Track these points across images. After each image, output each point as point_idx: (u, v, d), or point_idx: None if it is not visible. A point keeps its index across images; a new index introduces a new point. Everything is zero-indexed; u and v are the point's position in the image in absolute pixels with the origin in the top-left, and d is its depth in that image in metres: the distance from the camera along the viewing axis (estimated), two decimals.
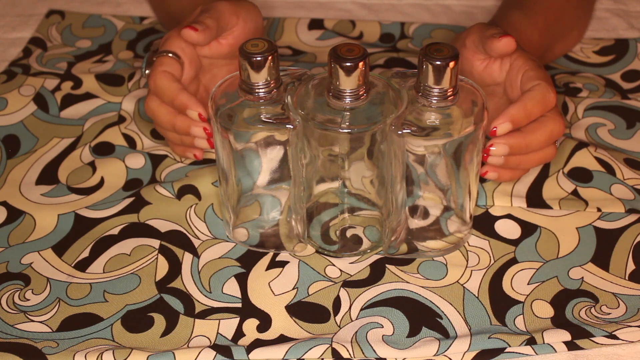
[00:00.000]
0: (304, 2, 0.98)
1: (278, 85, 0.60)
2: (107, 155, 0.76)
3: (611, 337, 0.60)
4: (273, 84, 0.60)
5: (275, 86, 0.60)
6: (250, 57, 0.59)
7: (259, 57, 0.59)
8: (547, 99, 0.64)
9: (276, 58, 0.59)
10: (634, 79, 0.85)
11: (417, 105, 0.60)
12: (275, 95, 0.60)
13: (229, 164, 0.63)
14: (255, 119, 0.61)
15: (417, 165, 0.63)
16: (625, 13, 0.94)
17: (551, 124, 0.64)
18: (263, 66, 0.59)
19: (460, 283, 0.64)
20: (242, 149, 0.63)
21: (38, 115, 0.81)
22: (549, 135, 0.64)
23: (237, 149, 0.62)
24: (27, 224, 0.70)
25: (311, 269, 0.66)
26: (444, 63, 0.57)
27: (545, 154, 0.66)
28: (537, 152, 0.65)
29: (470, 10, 0.96)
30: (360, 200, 0.67)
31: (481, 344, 0.59)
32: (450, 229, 0.66)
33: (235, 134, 0.61)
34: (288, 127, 0.60)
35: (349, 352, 0.59)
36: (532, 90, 0.64)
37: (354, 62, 0.57)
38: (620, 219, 0.69)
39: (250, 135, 0.62)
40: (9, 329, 0.62)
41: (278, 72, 0.60)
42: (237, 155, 0.63)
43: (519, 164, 0.66)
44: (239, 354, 0.59)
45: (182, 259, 0.67)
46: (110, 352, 0.59)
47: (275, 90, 0.60)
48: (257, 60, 0.59)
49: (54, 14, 0.95)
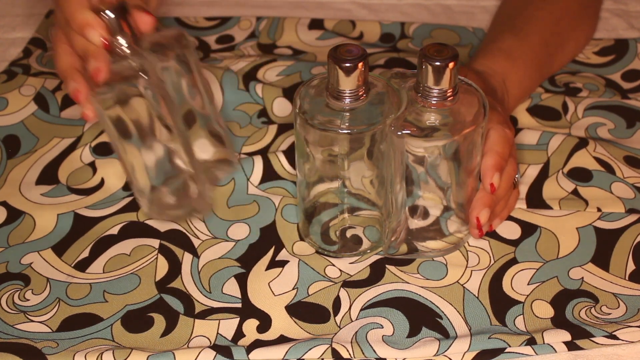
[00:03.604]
0: (304, 2, 0.98)
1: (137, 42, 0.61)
2: (108, 155, 0.76)
3: (611, 337, 0.60)
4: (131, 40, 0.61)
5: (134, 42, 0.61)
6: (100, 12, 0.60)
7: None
8: (508, 136, 0.65)
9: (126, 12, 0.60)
10: (634, 79, 0.85)
11: (417, 106, 0.60)
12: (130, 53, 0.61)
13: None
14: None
15: (417, 165, 0.63)
16: (625, 13, 0.94)
17: (508, 168, 0.65)
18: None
19: (460, 283, 0.64)
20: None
21: (38, 115, 0.81)
22: (508, 178, 0.66)
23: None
24: (26, 224, 0.70)
25: (311, 269, 0.66)
26: (444, 64, 0.57)
27: (513, 194, 0.69)
28: (506, 193, 0.66)
29: (470, 10, 0.96)
30: (360, 201, 0.67)
31: (481, 344, 0.59)
32: (450, 229, 0.66)
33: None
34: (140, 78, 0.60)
35: (349, 353, 0.59)
36: (490, 137, 0.64)
37: (354, 63, 0.57)
38: (620, 219, 0.69)
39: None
40: (9, 329, 0.62)
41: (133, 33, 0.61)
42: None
43: (500, 211, 0.67)
44: (239, 354, 0.59)
45: (182, 259, 0.67)
46: (110, 352, 0.59)
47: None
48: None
49: (54, 14, 0.95)
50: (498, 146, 0.63)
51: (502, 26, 0.81)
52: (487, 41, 0.80)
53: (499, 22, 0.83)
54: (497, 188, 0.64)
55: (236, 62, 0.86)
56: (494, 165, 0.63)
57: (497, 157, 0.63)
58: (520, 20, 0.80)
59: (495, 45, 0.77)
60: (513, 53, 0.76)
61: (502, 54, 0.76)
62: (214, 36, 0.92)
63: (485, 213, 0.64)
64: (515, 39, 0.78)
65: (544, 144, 0.75)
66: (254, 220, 0.70)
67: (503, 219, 0.68)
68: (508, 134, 0.65)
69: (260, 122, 0.80)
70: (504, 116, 0.67)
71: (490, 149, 0.63)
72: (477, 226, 0.64)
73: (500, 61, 0.75)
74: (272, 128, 0.79)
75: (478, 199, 0.64)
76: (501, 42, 0.78)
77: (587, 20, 0.87)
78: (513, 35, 0.78)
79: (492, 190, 0.63)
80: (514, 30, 0.79)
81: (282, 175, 0.73)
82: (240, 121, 0.80)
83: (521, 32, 0.78)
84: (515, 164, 0.66)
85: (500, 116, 0.66)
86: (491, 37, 0.80)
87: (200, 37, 0.91)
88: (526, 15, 0.80)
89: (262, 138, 0.78)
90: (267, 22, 0.93)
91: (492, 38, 0.79)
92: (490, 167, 0.63)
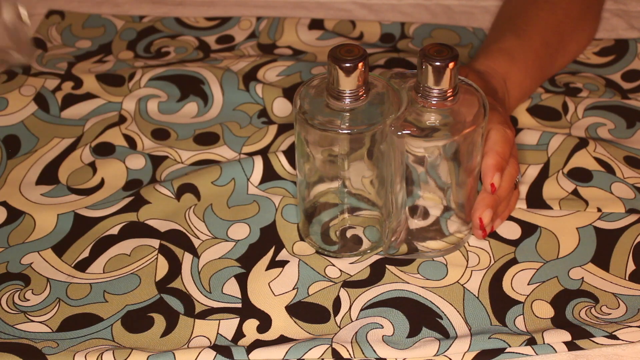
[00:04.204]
0: (304, 2, 0.98)
1: None
2: (108, 155, 0.76)
3: (611, 338, 0.60)
4: None
5: None
6: None
7: None
8: (508, 136, 0.65)
9: None
10: (634, 79, 0.85)
11: (417, 106, 0.60)
12: None
13: None
14: None
15: (417, 165, 0.63)
16: (625, 13, 0.94)
17: (509, 169, 0.66)
18: None
19: (461, 283, 0.64)
20: None
21: (39, 116, 0.81)
22: (510, 179, 0.66)
23: None
24: (27, 224, 0.70)
25: (311, 269, 0.66)
26: (444, 64, 0.57)
27: (514, 194, 0.69)
28: (507, 194, 0.67)
29: (470, 10, 0.96)
30: (360, 201, 0.67)
31: (481, 344, 0.59)
32: (450, 229, 0.66)
33: None
34: None
35: (349, 353, 0.59)
36: (491, 137, 0.64)
37: (354, 63, 0.57)
38: (620, 219, 0.69)
39: None
40: (9, 329, 0.62)
41: None
42: None
43: (502, 211, 0.67)
44: (239, 355, 0.59)
45: (182, 259, 0.67)
46: (110, 352, 0.59)
47: None
48: None
49: (53, 14, 0.95)
50: (498, 146, 0.63)
51: (504, 26, 0.81)
52: (489, 41, 0.80)
53: (501, 23, 0.83)
54: (498, 188, 0.64)
55: (236, 62, 0.86)
56: (495, 166, 0.63)
57: (497, 157, 0.63)
58: (522, 21, 0.80)
59: (496, 45, 0.77)
60: (514, 53, 0.76)
61: (503, 55, 0.76)
62: (214, 36, 0.92)
63: (487, 214, 0.64)
64: (516, 40, 0.78)
65: (544, 144, 0.75)
66: (254, 220, 0.70)
67: (504, 219, 0.68)
68: (508, 134, 0.65)
69: (261, 122, 0.80)
70: (505, 116, 0.67)
71: (490, 149, 0.63)
72: (480, 227, 0.64)
73: (502, 61, 0.75)
74: (272, 128, 0.79)
75: (480, 199, 0.64)
76: (502, 42, 0.77)
77: (588, 22, 0.87)
78: (515, 35, 0.78)
79: (493, 190, 0.63)
80: (516, 31, 0.79)
81: (282, 175, 0.73)
82: (240, 121, 0.80)
83: (523, 33, 0.78)
84: (516, 164, 0.66)
85: (501, 116, 0.66)
86: (493, 37, 0.80)
87: (200, 37, 0.91)
88: (528, 16, 0.80)
89: (262, 138, 0.78)
90: (267, 22, 0.93)
91: (494, 38, 0.79)
92: (491, 167, 0.63)
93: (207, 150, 0.77)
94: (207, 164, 0.75)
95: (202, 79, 0.83)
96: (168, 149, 0.77)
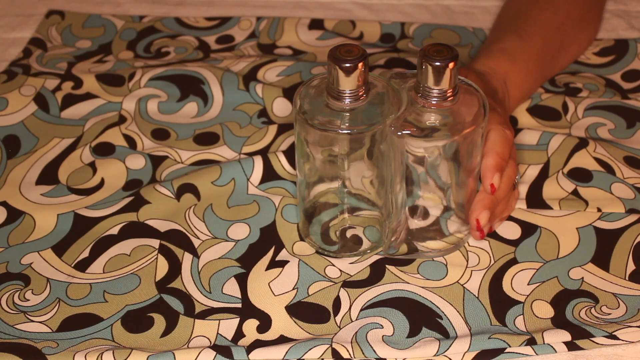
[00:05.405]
0: (304, 2, 0.98)
1: None
2: (108, 155, 0.76)
3: (611, 338, 0.60)
4: None
5: None
6: None
7: None
8: (508, 137, 0.65)
9: None
10: (634, 79, 0.85)
11: (417, 106, 0.60)
12: None
13: None
14: None
15: (417, 165, 0.63)
16: (625, 13, 0.94)
17: (508, 170, 0.66)
18: None
19: (460, 283, 0.64)
20: None
21: (38, 116, 0.81)
22: (508, 180, 0.66)
23: None
24: (27, 224, 0.70)
25: (311, 269, 0.66)
26: (444, 64, 0.57)
27: (513, 195, 0.69)
28: (506, 194, 0.67)
29: (470, 11, 0.96)
30: (360, 201, 0.67)
31: (481, 344, 0.59)
32: (450, 229, 0.66)
33: None
34: None
35: (349, 353, 0.59)
36: (490, 138, 0.64)
37: (353, 63, 0.57)
38: (620, 219, 0.69)
39: None
40: (9, 329, 0.62)
41: None
42: None
43: (501, 212, 0.67)
44: (238, 355, 0.59)
45: (182, 259, 0.67)
46: (110, 352, 0.59)
47: None
48: None
49: (53, 14, 0.95)
50: (498, 147, 0.63)
51: (505, 27, 0.81)
52: (489, 42, 0.80)
53: (502, 23, 0.83)
54: (497, 189, 0.64)
55: (236, 62, 0.86)
56: (494, 166, 0.63)
57: (497, 158, 0.63)
58: (523, 22, 0.80)
59: (497, 45, 0.77)
60: (515, 54, 0.76)
61: (504, 55, 0.76)
62: (214, 36, 0.92)
63: (484, 215, 0.64)
64: (517, 40, 0.78)
65: (544, 144, 0.75)
66: (254, 220, 0.70)
67: (503, 220, 0.68)
68: (508, 135, 0.65)
69: (260, 122, 0.80)
70: (504, 117, 0.67)
71: (490, 149, 0.63)
72: (477, 228, 0.64)
73: (502, 62, 0.75)
74: (272, 128, 0.79)
75: (477, 200, 0.64)
76: (503, 42, 0.77)
77: (589, 23, 0.87)
78: (516, 36, 0.78)
79: (493, 190, 0.63)
80: (517, 32, 0.78)
81: (282, 175, 0.73)
82: (240, 121, 0.80)
83: (524, 33, 0.78)
84: (515, 166, 0.66)
85: (500, 117, 0.66)
86: (494, 37, 0.80)
87: (200, 37, 0.91)
88: (529, 16, 0.80)
89: (262, 138, 0.78)
90: (267, 22, 0.93)
91: (495, 38, 0.79)
92: (491, 167, 0.63)
93: (207, 150, 0.77)
94: (207, 164, 0.75)
95: (202, 79, 0.83)
96: (168, 149, 0.77)
